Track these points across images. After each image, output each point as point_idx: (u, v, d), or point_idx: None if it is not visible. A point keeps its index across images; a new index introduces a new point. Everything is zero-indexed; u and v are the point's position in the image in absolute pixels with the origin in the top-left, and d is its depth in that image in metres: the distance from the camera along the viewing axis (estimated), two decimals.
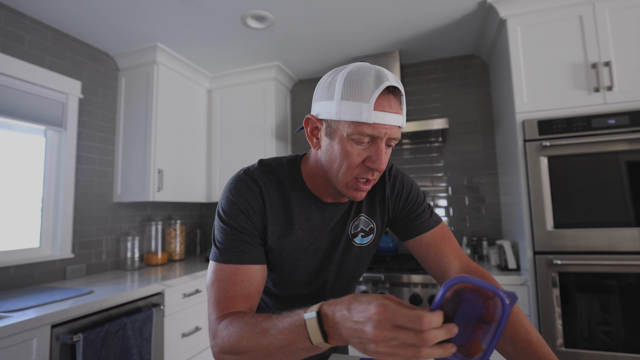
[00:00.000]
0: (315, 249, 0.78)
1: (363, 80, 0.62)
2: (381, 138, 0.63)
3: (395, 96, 0.64)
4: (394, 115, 0.63)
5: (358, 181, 0.68)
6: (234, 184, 0.73)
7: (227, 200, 0.72)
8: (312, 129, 0.71)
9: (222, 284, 0.66)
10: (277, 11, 1.95)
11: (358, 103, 0.61)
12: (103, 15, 1.94)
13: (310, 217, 0.76)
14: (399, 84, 0.65)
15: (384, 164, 0.64)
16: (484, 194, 2.41)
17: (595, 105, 1.69)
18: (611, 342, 1.54)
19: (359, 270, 0.85)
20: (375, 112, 0.61)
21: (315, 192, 0.76)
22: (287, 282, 0.79)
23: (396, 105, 0.64)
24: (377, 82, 0.62)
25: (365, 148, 0.65)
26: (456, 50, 2.49)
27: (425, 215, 0.83)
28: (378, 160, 0.64)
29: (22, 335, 1.26)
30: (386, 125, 0.62)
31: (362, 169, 0.66)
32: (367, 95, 0.61)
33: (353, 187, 0.68)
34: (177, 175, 2.45)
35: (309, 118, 0.70)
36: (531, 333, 0.64)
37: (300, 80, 2.97)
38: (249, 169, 0.76)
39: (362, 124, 0.62)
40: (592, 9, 1.73)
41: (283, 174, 0.76)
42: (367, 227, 0.82)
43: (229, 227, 0.70)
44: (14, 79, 1.80)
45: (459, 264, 0.80)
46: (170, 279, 1.93)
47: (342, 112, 0.63)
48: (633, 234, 1.55)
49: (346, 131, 0.63)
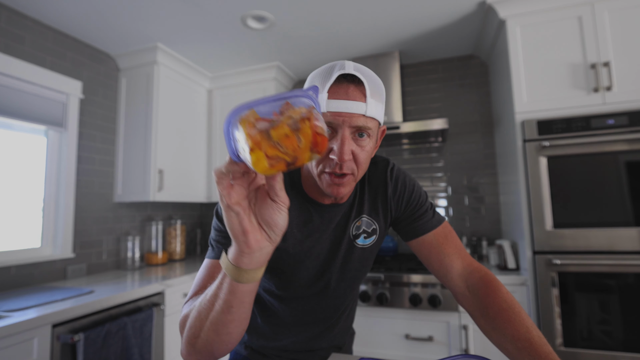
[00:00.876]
0: (317, 251, 0.78)
1: (320, 72, 0.66)
2: (340, 126, 0.63)
3: (356, 85, 0.64)
4: (352, 102, 0.63)
5: (332, 176, 0.67)
6: None
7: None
8: None
9: (201, 275, 0.67)
10: (277, 11, 1.95)
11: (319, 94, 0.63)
12: (103, 16, 1.94)
13: (309, 219, 0.76)
14: (361, 73, 0.65)
15: (344, 154, 0.63)
16: (484, 194, 2.41)
17: (594, 106, 1.69)
18: (610, 341, 1.54)
19: (362, 271, 0.85)
20: (329, 100, 0.63)
21: (312, 195, 0.76)
22: (289, 284, 0.80)
23: (356, 93, 0.64)
24: (330, 70, 0.64)
25: (329, 139, 0.64)
26: (456, 51, 2.49)
27: (428, 215, 0.83)
28: (339, 150, 0.63)
29: (23, 335, 1.26)
30: (342, 112, 0.63)
31: (329, 161, 0.66)
32: (322, 87, 0.63)
33: (327, 182, 0.68)
34: (178, 175, 2.45)
35: None
36: (532, 332, 0.64)
37: (300, 80, 2.98)
38: None
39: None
40: (591, 10, 1.73)
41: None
42: (369, 228, 0.82)
43: (225, 227, 0.69)
44: (15, 79, 1.81)
45: (461, 264, 0.80)
46: (170, 279, 1.93)
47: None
48: (632, 233, 1.55)
49: None
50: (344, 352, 0.96)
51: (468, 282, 0.77)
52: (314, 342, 0.87)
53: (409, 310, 1.87)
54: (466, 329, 1.77)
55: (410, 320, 1.87)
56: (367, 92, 0.64)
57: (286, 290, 0.81)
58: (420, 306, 1.84)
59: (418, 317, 1.86)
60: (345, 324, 0.94)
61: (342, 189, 0.68)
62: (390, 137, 2.35)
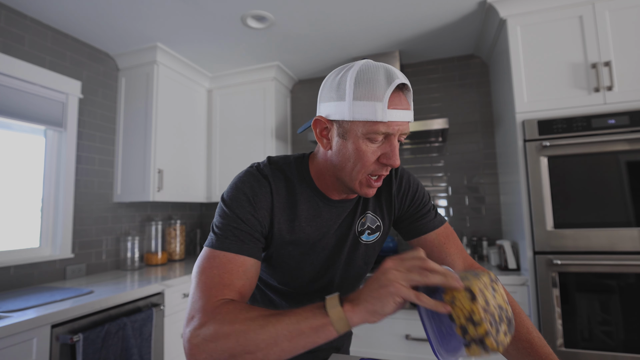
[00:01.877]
0: (323, 246, 0.78)
1: (374, 79, 0.62)
2: (394, 135, 0.65)
3: (404, 93, 0.66)
4: (405, 112, 0.64)
5: (370, 178, 0.69)
6: (246, 176, 0.72)
7: (237, 189, 0.70)
8: (322, 130, 0.71)
9: (217, 271, 0.62)
10: (277, 11, 1.95)
11: (371, 102, 0.62)
12: (103, 15, 1.94)
13: (317, 213, 0.77)
14: (407, 80, 0.66)
15: (398, 159, 0.66)
16: (484, 194, 2.41)
17: (595, 105, 1.69)
18: (611, 342, 1.54)
19: (364, 268, 0.86)
20: (389, 110, 0.62)
21: (322, 190, 0.77)
22: (293, 279, 0.80)
23: (406, 101, 0.66)
24: (388, 80, 0.62)
25: (379, 146, 0.66)
26: (456, 50, 2.49)
27: (430, 215, 0.84)
28: (393, 157, 0.65)
29: (22, 335, 1.26)
30: (399, 122, 0.64)
31: (377, 166, 0.68)
32: (380, 94, 0.62)
33: (366, 184, 0.69)
34: (177, 175, 2.45)
35: (318, 120, 0.70)
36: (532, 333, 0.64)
37: (300, 80, 2.97)
38: (259, 165, 0.76)
39: (377, 123, 0.63)
40: (592, 9, 1.73)
41: (291, 171, 0.77)
42: (373, 225, 0.83)
43: (233, 215, 0.67)
44: (14, 79, 1.80)
45: (462, 264, 0.81)
46: (170, 279, 1.93)
47: (356, 112, 0.63)
48: (633, 234, 1.55)
49: (360, 131, 0.64)
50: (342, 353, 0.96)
51: None
52: None
53: (409, 310, 1.87)
54: None
55: (410, 321, 1.87)
56: (410, 99, 0.67)
57: (290, 285, 0.81)
58: None
59: (418, 317, 1.85)
60: None
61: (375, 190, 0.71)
62: None
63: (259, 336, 0.51)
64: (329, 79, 0.69)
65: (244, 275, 0.64)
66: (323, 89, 0.70)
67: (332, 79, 0.68)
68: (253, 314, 0.54)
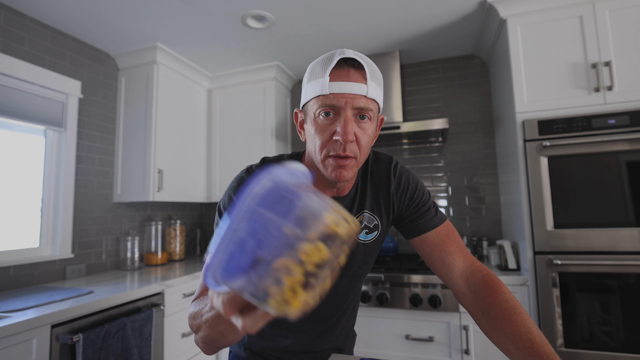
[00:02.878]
0: None
1: (321, 60, 0.69)
2: (343, 107, 0.66)
3: (356, 69, 0.67)
4: (353, 84, 0.66)
5: (335, 158, 0.68)
6: (236, 182, 0.77)
7: (229, 198, 0.75)
8: (300, 122, 0.76)
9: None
10: (277, 11, 1.95)
11: (317, 80, 0.67)
12: (103, 15, 1.93)
13: None
14: (361, 57, 0.68)
15: (348, 134, 0.65)
16: (484, 194, 2.41)
17: (595, 105, 1.69)
18: (611, 342, 1.54)
19: (363, 269, 0.85)
20: (331, 82, 0.65)
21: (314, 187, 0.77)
22: None
23: (356, 75, 0.67)
24: (332, 56, 0.67)
25: (332, 122, 0.67)
26: (456, 50, 2.49)
27: (430, 214, 0.83)
28: (343, 130, 0.65)
29: (22, 335, 1.25)
30: (345, 94, 0.65)
31: (333, 144, 0.67)
32: (324, 71, 0.66)
33: (332, 166, 0.68)
34: (177, 175, 2.45)
35: (295, 112, 0.77)
36: (533, 332, 0.64)
37: (300, 80, 2.97)
38: (251, 168, 0.79)
39: (323, 97, 0.66)
40: (592, 9, 1.73)
41: None
42: (371, 224, 0.82)
43: None
44: (14, 79, 1.80)
45: (463, 263, 0.80)
46: (170, 279, 1.92)
47: (308, 93, 0.69)
48: (633, 234, 1.55)
49: (313, 109, 0.68)
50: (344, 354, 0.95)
51: (469, 282, 0.77)
52: (315, 344, 0.87)
53: (409, 310, 1.87)
54: (467, 330, 1.76)
55: (411, 321, 1.86)
56: (367, 75, 0.67)
57: None
58: (420, 306, 1.83)
59: (418, 317, 1.85)
60: (347, 325, 0.93)
61: (345, 172, 0.69)
62: (391, 137, 2.34)
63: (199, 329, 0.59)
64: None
65: None
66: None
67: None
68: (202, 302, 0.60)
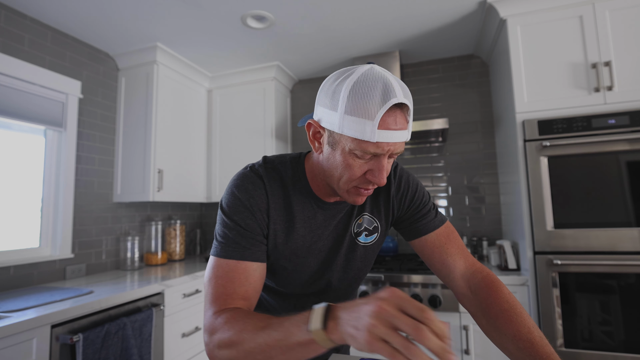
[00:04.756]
0: (319, 248, 0.78)
1: (369, 95, 0.58)
2: (384, 154, 0.62)
3: (402, 110, 0.60)
4: (399, 132, 0.60)
5: (358, 189, 0.68)
6: (240, 180, 0.73)
7: (232, 195, 0.72)
8: (314, 133, 0.69)
9: (221, 281, 0.66)
10: (277, 11, 1.94)
11: (362, 120, 0.58)
12: (103, 15, 1.93)
13: (312, 215, 0.76)
14: (407, 98, 0.60)
15: (384, 179, 0.64)
16: (484, 194, 2.41)
17: (595, 105, 1.68)
18: (611, 342, 1.54)
19: (363, 270, 0.85)
20: (380, 131, 0.58)
21: (317, 191, 0.76)
22: (290, 281, 0.79)
23: (402, 120, 0.60)
24: (383, 98, 0.58)
25: (366, 162, 0.64)
26: (456, 50, 2.49)
27: (431, 215, 0.83)
28: (379, 175, 0.63)
29: (22, 336, 1.25)
30: (390, 143, 0.60)
31: (363, 180, 0.66)
32: (372, 113, 0.58)
33: (354, 194, 0.68)
34: (177, 175, 2.45)
35: (310, 123, 0.68)
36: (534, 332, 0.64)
37: (300, 80, 2.97)
38: (254, 166, 0.76)
39: (366, 142, 0.60)
40: (592, 9, 1.73)
41: (286, 171, 0.76)
42: (370, 226, 0.82)
43: (232, 223, 0.69)
44: (14, 79, 1.80)
45: (463, 264, 0.80)
46: (170, 279, 1.92)
47: (345, 126, 0.60)
48: (633, 234, 1.55)
49: (348, 146, 0.62)
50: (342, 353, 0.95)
51: (470, 283, 0.77)
52: None
53: None
54: (467, 330, 1.76)
55: None
56: (409, 117, 0.62)
57: (287, 287, 0.81)
58: None
59: None
60: None
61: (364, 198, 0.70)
62: None
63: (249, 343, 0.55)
64: (328, 82, 0.66)
65: (247, 281, 0.67)
66: (321, 91, 0.67)
67: (330, 83, 0.65)
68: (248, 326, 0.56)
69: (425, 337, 0.41)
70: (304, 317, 0.51)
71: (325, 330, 0.48)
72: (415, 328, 0.41)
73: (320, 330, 0.48)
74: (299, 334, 0.51)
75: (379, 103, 0.58)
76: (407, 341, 0.42)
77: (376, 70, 0.61)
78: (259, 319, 0.57)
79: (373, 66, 0.63)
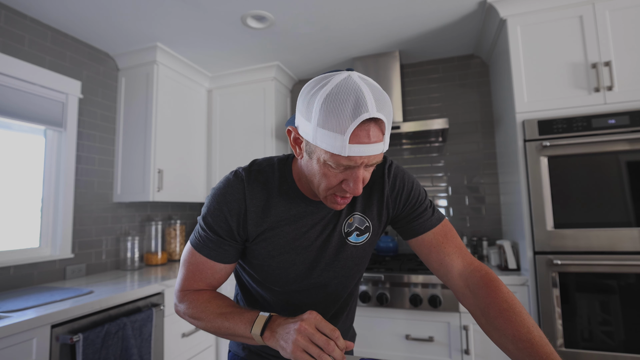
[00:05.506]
0: (305, 246, 0.78)
1: (339, 109, 0.57)
2: (358, 167, 0.63)
3: (376, 123, 0.59)
4: (373, 146, 0.60)
5: (336, 196, 0.69)
6: (221, 184, 0.77)
7: (211, 199, 0.77)
8: (295, 139, 0.70)
9: (192, 268, 0.78)
10: (277, 11, 1.95)
11: (333, 134, 0.58)
12: (103, 15, 1.93)
13: (299, 214, 0.77)
14: (382, 110, 0.59)
15: (360, 189, 0.65)
16: (484, 194, 2.41)
17: (595, 105, 1.68)
18: (611, 342, 1.54)
19: (355, 270, 0.85)
20: (351, 145, 0.58)
21: (304, 191, 0.77)
22: (276, 278, 0.80)
23: (376, 133, 0.60)
24: (354, 113, 0.57)
25: (342, 172, 0.64)
26: (456, 50, 2.49)
27: (427, 214, 0.83)
28: (354, 186, 0.64)
29: (22, 336, 1.25)
30: (363, 156, 0.61)
31: (339, 189, 0.67)
32: (343, 128, 0.57)
33: (331, 201, 0.70)
34: (177, 175, 2.45)
35: (290, 130, 0.69)
36: (533, 332, 0.63)
37: (300, 80, 2.97)
38: (237, 170, 0.78)
39: (338, 156, 0.60)
40: (592, 9, 1.73)
41: (273, 172, 0.78)
42: (362, 226, 0.81)
43: (207, 226, 0.76)
44: (14, 79, 1.80)
45: (461, 263, 0.80)
46: (170, 279, 1.92)
47: (318, 139, 0.61)
48: (633, 234, 1.55)
49: (323, 157, 0.62)
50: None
51: (469, 282, 0.76)
52: None
53: (409, 310, 1.87)
54: (467, 330, 1.76)
55: (411, 321, 1.87)
56: (385, 128, 0.61)
57: (276, 284, 0.82)
58: (420, 306, 1.83)
59: (418, 317, 1.85)
60: (344, 326, 0.93)
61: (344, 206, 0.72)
62: (391, 137, 2.34)
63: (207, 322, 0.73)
64: (305, 89, 0.65)
65: (212, 277, 0.78)
66: (299, 98, 0.66)
67: (307, 92, 0.64)
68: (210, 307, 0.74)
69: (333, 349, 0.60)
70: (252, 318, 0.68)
71: (262, 337, 0.65)
72: (326, 343, 0.60)
73: (258, 335, 0.66)
74: (244, 330, 0.68)
75: (350, 117, 0.57)
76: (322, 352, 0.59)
77: (352, 80, 0.60)
78: (217, 305, 0.74)
79: (350, 75, 0.62)
